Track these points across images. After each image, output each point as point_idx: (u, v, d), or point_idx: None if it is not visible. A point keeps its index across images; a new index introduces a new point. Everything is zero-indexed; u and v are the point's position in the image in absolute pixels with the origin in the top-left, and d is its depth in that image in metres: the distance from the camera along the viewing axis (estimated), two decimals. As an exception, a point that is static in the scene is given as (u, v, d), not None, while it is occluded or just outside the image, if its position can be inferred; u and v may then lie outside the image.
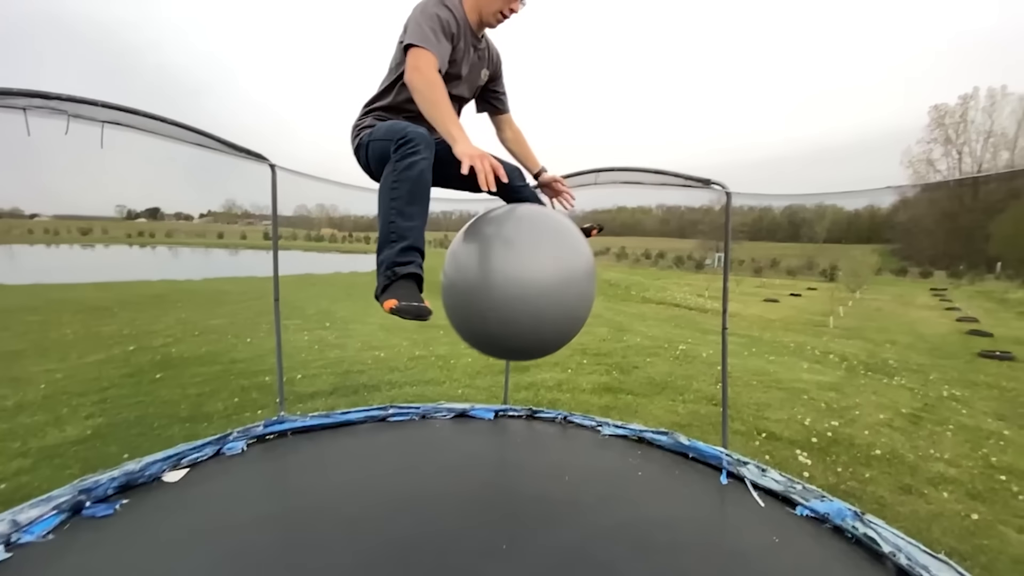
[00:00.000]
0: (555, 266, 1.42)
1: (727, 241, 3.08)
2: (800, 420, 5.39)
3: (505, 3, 1.41)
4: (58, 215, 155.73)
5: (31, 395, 5.50)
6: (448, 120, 1.22)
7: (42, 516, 2.12)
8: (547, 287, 1.38)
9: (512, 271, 1.38)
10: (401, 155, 1.28)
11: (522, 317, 1.39)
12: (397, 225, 1.28)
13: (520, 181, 1.80)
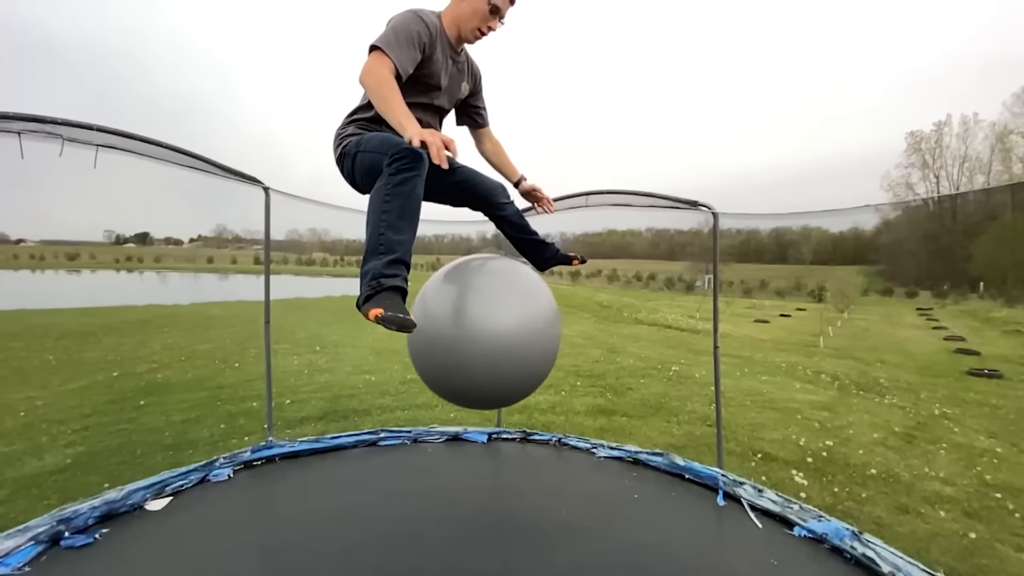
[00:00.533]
0: (517, 323, 1.45)
1: (715, 260, 3.13)
2: (795, 440, 5.37)
3: (483, 21, 1.45)
4: (45, 240, 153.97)
5: (9, 423, 5.33)
6: (399, 112, 1.23)
7: (18, 547, 2.03)
8: (508, 344, 1.43)
9: (474, 326, 1.41)
10: (395, 169, 1.28)
11: (481, 370, 1.43)
12: (386, 238, 1.28)
13: (504, 198, 1.82)
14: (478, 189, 1.73)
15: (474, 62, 1.78)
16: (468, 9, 1.45)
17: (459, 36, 1.52)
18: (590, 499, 2.88)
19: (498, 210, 1.76)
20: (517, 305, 1.50)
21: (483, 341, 1.39)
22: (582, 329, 16.19)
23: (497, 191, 1.76)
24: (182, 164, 2.64)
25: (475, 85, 1.80)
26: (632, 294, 43.18)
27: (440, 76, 1.56)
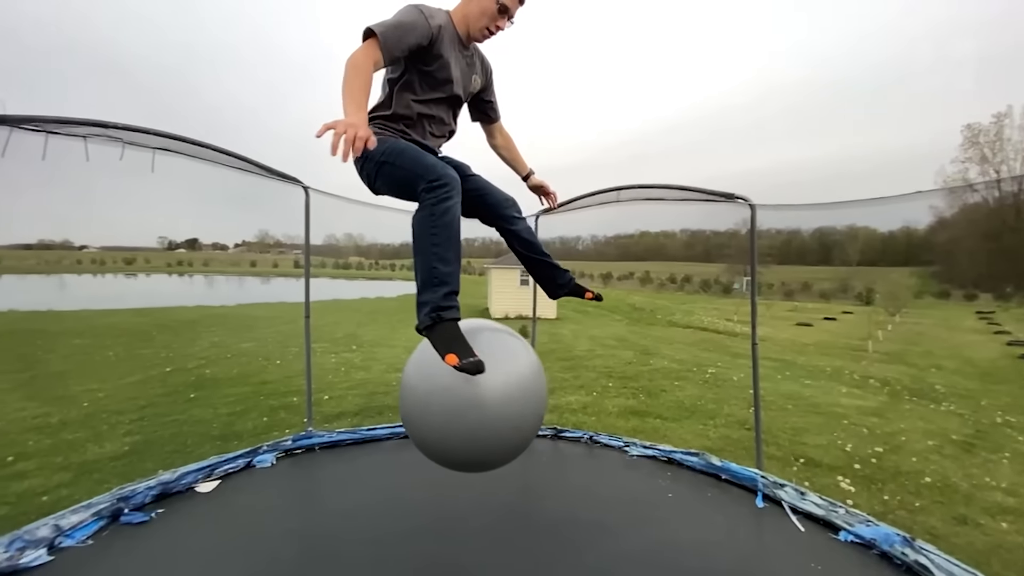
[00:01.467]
0: (497, 397, 1.46)
1: (753, 254, 3.04)
2: (840, 446, 5.12)
3: (491, 21, 1.47)
4: (105, 246, 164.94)
5: (73, 413, 5.74)
6: (350, 101, 1.22)
7: (82, 522, 2.19)
8: (485, 416, 1.45)
9: (453, 398, 1.44)
10: (436, 199, 1.35)
11: (459, 442, 1.48)
12: (439, 271, 1.36)
13: (516, 212, 1.80)
14: (488, 199, 1.73)
15: (485, 57, 1.79)
16: (477, 8, 1.46)
17: (468, 34, 1.53)
18: (622, 498, 2.83)
19: (508, 223, 1.74)
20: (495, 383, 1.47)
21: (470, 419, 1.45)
22: (614, 331, 15.98)
23: (508, 204, 1.75)
24: (229, 165, 2.79)
25: (486, 80, 1.81)
26: (666, 296, 42.28)
27: (450, 70, 1.56)
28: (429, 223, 1.36)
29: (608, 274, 73.32)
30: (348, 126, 1.10)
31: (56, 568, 1.96)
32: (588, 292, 1.94)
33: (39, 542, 2.04)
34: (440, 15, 1.48)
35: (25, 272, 54.43)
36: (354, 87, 1.24)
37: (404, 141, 1.52)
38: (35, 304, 20.46)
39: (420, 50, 1.45)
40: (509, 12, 1.50)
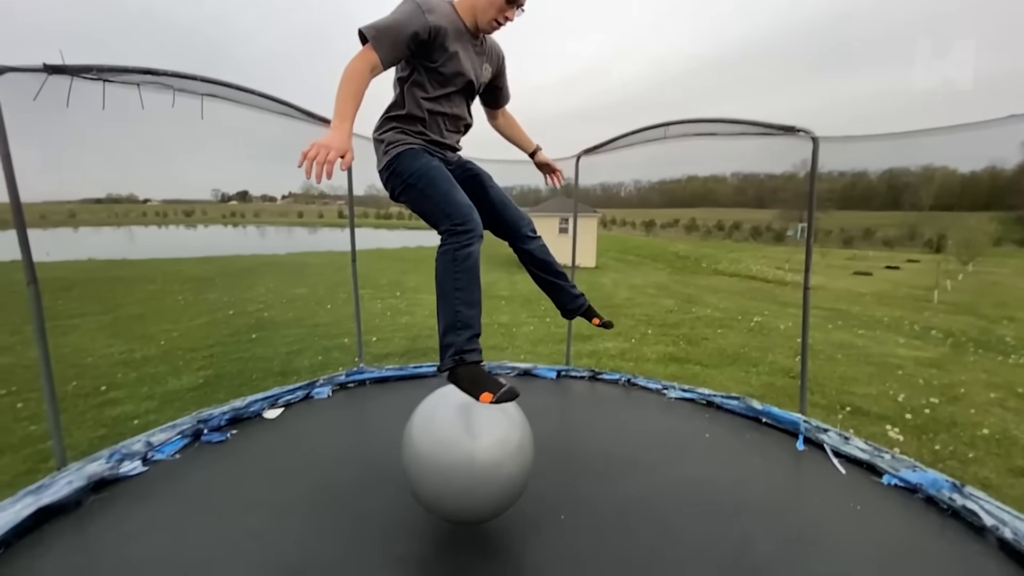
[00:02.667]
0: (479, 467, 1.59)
1: (812, 194, 2.84)
2: (892, 396, 4.95)
3: (499, 12, 1.40)
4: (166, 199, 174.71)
5: (153, 350, 6.36)
6: (336, 113, 1.22)
7: (169, 439, 2.49)
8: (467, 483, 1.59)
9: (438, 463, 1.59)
10: (459, 244, 1.39)
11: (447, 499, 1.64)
12: (463, 315, 1.41)
13: (530, 231, 1.77)
14: (506, 215, 1.70)
15: (496, 44, 1.69)
16: (484, 1, 1.39)
17: (476, 25, 1.45)
18: (659, 437, 2.89)
19: (522, 243, 1.71)
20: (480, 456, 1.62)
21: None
22: (656, 280, 15.68)
23: (523, 222, 1.72)
24: (271, 110, 2.83)
25: (498, 67, 1.73)
26: (712, 244, 40.64)
27: (459, 63, 1.50)
28: (452, 268, 1.40)
29: (651, 221, 70.90)
30: (320, 148, 1.10)
31: (150, 477, 2.26)
32: (596, 318, 1.94)
33: (135, 455, 2.34)
34: (442, 7, 1.41)
35: (98, 224, 58.80)
36: (343, 97, 1.23)
37: (432, 163, 1.49)
38: (110, 253, 22.26)
39: (422, 46, 1.39)
40: (518, 2, 1.43)
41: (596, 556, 1.85)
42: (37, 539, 1.84)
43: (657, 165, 70.27)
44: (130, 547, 1.82)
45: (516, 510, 2.05)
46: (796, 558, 1.85)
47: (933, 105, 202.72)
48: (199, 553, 1.79)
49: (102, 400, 4.64)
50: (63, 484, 2.04)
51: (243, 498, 2.12)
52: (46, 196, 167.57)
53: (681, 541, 1.94)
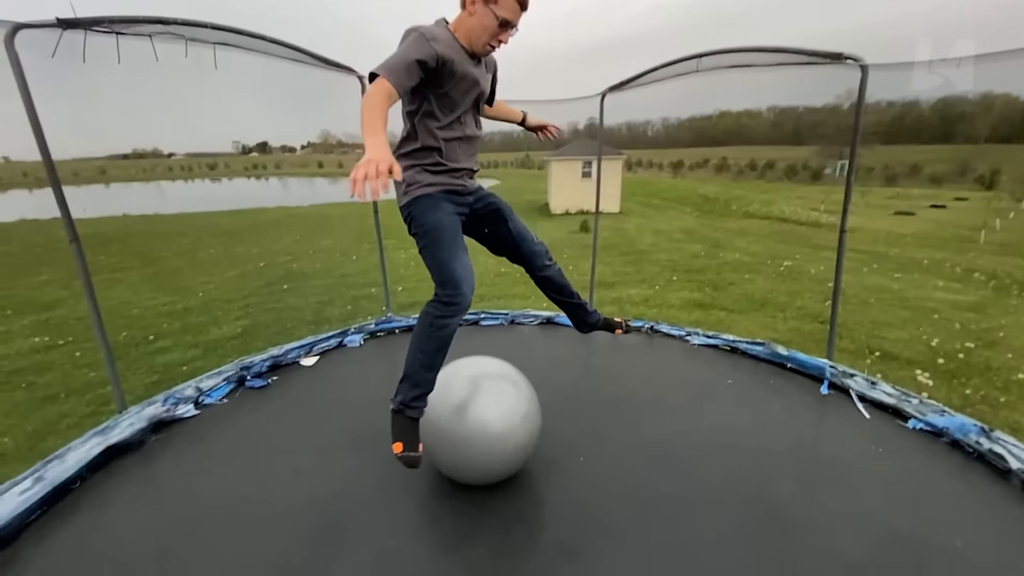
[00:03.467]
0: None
1: (857, 129, 2.65)
2: (925, 340, 4.84)
3: (492, 36, 1.39)
4: (190, 153, 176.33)
5: (193, 302, 6.67)
6: (368, 131, 1.21)
7: (216, 385, 2.66)
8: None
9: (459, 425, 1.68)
10: (442, 313, 1.47)
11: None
12: (420, 375, 1.53)
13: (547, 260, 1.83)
14: (524, 247, 1.75)
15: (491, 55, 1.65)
16: (477, 24, 1.38)
17: (471, 48, 1.45)
18: (681, 383, 2.93)
19: (539, 271, 1.78)
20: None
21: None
22: (682, 224, 15.26)
23: (540, 254, 1.77)
24: (284, 56, 2.76)
25: (493, 75, 1.74)
26: (744, 185, 38.89)
27: (467, 83, 1.50)
28: (427, 330, 1.50)
29: (679, 162, 67.89)
30: (367, 166, 1.08)
31: (202, 419, 2.45)
32: (618, 328, 2.04)
33: (187, 399, 2.52)
34: (443, 35, 1.41)
35: (128, 180, 60.12)
36: (369, 117, 1.22)
37: (443, 220, 1.52)
38: (143, 209, 22.90)
39: (431, 74, 1.38)
40: (511, 23, 1.40)
41: (614, 494, 1.95)
42: (108, 474, 2.05)
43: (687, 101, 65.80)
44: (190, 481, 2.01)
45: (538, 452, 2.15)
46: (813, 497, 1.90)
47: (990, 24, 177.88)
48: (251, 487, 1.96)
49: (151, 349, 4.96)
50: (126, 425, 2.23)
51: (287, 438, 2.29)
52: (76, 153, 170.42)
53: (699, 481, 2.01)
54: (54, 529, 1.74)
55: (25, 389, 4.15)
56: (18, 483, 1.85)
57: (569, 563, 1.59)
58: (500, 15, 1.35)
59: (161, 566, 1.58)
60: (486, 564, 1.59)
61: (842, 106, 49.27)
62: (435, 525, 1.76)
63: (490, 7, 1.35)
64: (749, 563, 1.60)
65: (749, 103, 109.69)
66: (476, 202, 1.67)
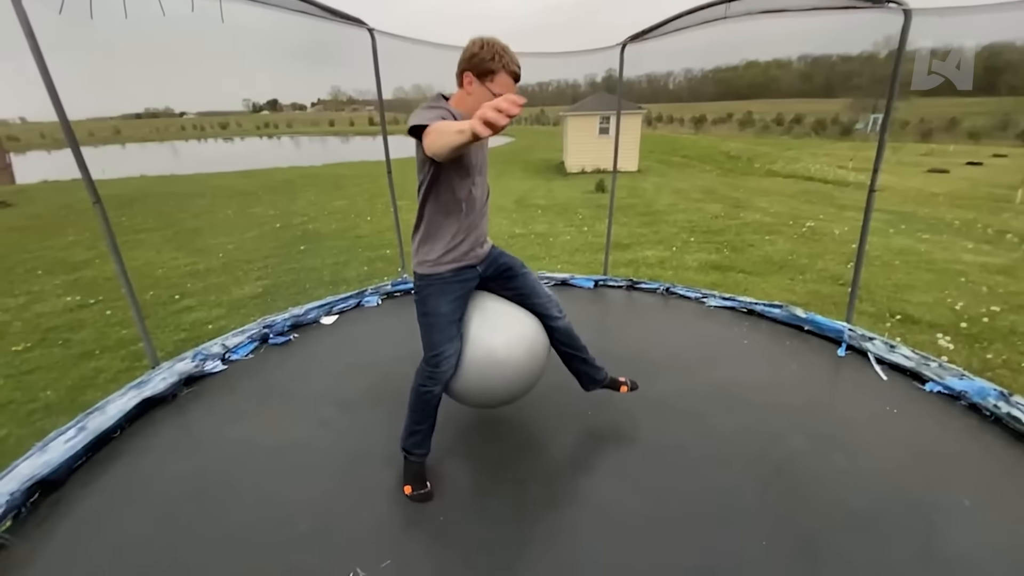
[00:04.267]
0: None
1: (895, 78, 2.49)
2: (949, 304, 4.73)
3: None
4: (201, 112, 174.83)
5: (214, 262, 6.81)
6: (456, 134, 1.17)
7: (240, 343, 2.76)
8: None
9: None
10: (422, 382, 1.65)
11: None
12: (412, 430, 1.72)
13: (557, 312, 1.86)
14: (534, 300, 1.79)
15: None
16: (475, 103, 1.43)
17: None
18: (696, 343, 2.94)
19: (550, 321, 1.82)
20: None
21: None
22: (702, 183, 14.83)
23: (551, 306, 1.82)
24: (290, 8, 2.67)
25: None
26: (768, 142, 37.30)
27: (475, 148, 1.56)
28: (413, 396, 1.70)
29: (701, 117, 65.11)
30: (482, 114, 1.03)
31: (230, 374, 2.55)
32: (623, 386, 2.03)
33: (215, 356, 2.63)
34: (448, 109, 1.47)
35: (142, 140, 60.17)
36: (447, 136, 1.21)
37: (440, 309, 1.63)
38: (159, 169, 23.01)
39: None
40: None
41: (619, 445, 2.01)
42: (145, 424, 2.17)
43: (712, 51, 61.86)
44: (222, 430, 2.13)
45: (548, 406, 2.21)
46: (822, 454, 1.93)
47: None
48: (281, 437, 2.07)
49: (177, 308, 5.12)
50: (159, 380, 2.35)
51: (311, 393, 2.39)
52: (91, 113, 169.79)
53: (708, 435, 2.06)
54: (98, 475, 1.87)
55: (62, 346, 4.35)
56: (63, 432, 1.98)
57: (583, 510, 1.66)
58: (496, 92, 1.41)
59: (201, 507, 1.70)
60: (506, 516, 1.67)
61: (879, 54, 46.09)
62: (455, 480, 1.85)
63: (487, 86, 1.42)
64: (755, 512, 1.65)
65: (779, 51, 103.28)
66: (486, 269, 1.74)
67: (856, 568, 1.45)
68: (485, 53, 1.42)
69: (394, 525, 1.63)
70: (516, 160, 22.27)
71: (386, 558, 1.48)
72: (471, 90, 1.45)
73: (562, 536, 1.57)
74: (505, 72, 1.44)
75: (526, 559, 1.50)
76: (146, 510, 1.70)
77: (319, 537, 1.57)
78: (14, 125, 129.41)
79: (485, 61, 1.42)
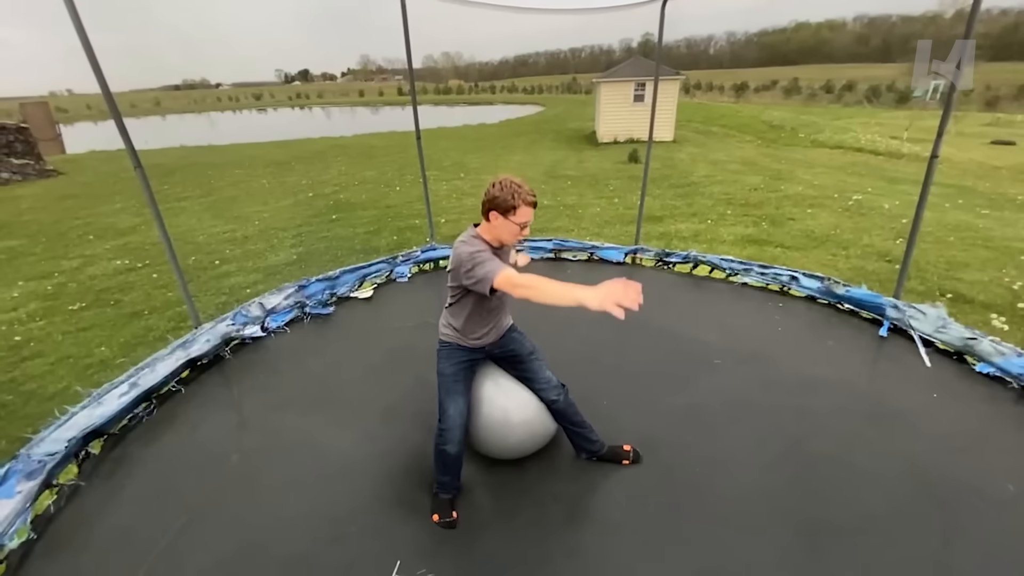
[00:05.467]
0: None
1: (969, 34, 2.27)
2: (1007, 283, 4.44)
3: (514, 236, 1.72)
4: (236, 83, 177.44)
5: (250, 229, 7.01)
6: (566, 295, 1.40)
7: (278, 306, 2.86)
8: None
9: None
10: (438, 439, 1.82)
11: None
12: (439, 474, 1.85)
13: (556, 395, 1.96)
14: (534, 384, 1.95)
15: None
16: (504, 230, 1.69)
17: (498, 243, 1.78)
18: (727, 317, 2.86)
19: (549, 404, 1.96)
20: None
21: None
22: (741, 154, 14.18)
23: (549, 391, 1.95)
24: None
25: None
26: (815, 111, 35.16)
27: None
28: (435, 450, 1.85)
29: (743, 84, 61.65)
30: (604, 300, 1.28)
31: (271, 343, 2.66)
32: (625, 459, 2.01)
33: (254, 319, 2.73)
34: (481, 244, 1.70)
35: (181, 111, 61.72)
36: (552, 292, 1.43)
37: (448, 371, 1.86)
38: (197, 140, 23.62)
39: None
40: (528, 223, 1.73)
41: (640, 415, 2.00)
42: (191, 383, 2.30)
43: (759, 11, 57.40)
44: (263, 394, 2.23)
45: (586, 377, 2.21)
46: (852, 433, 1.88)
47: None
48: (330, 395, 2.15)
49: (217, 273, 5.33)
50: (203, 340, 2.46)
51: (350, 371, 2.47)
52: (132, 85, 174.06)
53: (733, 409, 2.03)
54: (149, 428, 2.00)
55: (114, 306, 4.62)
56: (116, 386, 2.11)
57: (604, 477, 1.68)
58: (518, 222, 1.67)
59: (245, 459, 1.80)
60: (530, 535, 1.70)
61: (944, 14, 42.25)
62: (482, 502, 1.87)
63: (510, 219, 1.66)
64: (782, 483, 1.63)
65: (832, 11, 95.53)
66: (493, 349, 1.94)
67: (897, 551, 1.42)
68: (504, 194, 1.65)
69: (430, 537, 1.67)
70: (546, 130, 21.79)
71: (421, 567, 1.52)
72: (497, 224, 1.69)
73: (582, 551, 1.57)
74: (524, 204, 1.67)
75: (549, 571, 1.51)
76: (195, 462, 1.81)
77: (360, 539, 1.62)
78: (62, 97, 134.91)
79: (506, 200, 1.65)
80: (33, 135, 13.34)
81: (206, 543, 1.52)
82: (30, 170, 12.55)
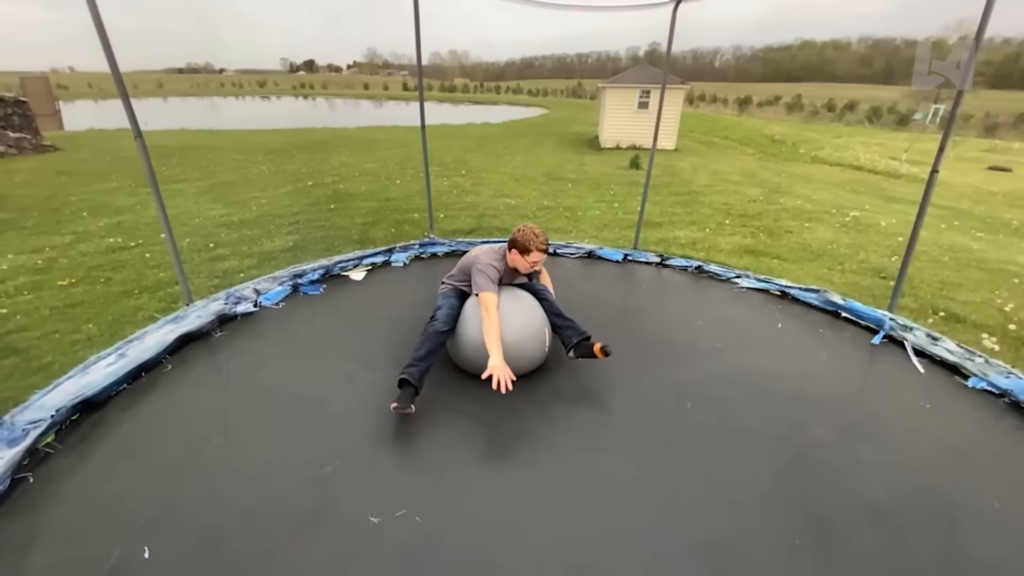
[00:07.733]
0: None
1: (972, 57, 2.29)
2: (999, 305, 4.47)
3: (525, 270, 2.27)
4: (240, 69, 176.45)
5: (247, 215, 6.95)
6: (489, 342, 1.99)
7: (271, 289, 2.83)
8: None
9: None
10: (429, 323, 2.16)
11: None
12: (412, 358, 2.03)
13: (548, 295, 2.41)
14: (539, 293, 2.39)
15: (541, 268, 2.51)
16: (519, 263, 2.24)
17: (515, 269, 2.30)
18: (725, 325, 2.86)
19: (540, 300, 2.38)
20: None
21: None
22: (742, 166, 14.26)
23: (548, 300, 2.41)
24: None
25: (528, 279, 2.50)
26: (816, 128, 35.41)
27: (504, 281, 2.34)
28: (423, 331, 2.14)
29: (746, 98, 62.11)
30: (496, 373, 1.88)
31: (262, 317, 2.63)
32: (597, 346, 2.23)
33: (247, 299, 2.70)
34: (501, 265, 2.24)
35: (183, 95, 61.31)
36: (495, 338, 1.99)
37: (447, 289, 2.35)
38: (198, 123, 23.47)
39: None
40: (539, 260, 2.24)
41: (640, 426, 1.99)
42: (180, 358, 2.26)
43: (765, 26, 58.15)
44: (252, 373, 2.20)
45: (570, 383, 2.20)
46: (845, 445, 1.87)
47: None
48: (308, 385, 2.12)
49: (211, 256, 5.27)
50: (194, 316, 2.43)
51: (338, 345, 2.44)
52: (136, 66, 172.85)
53: (730, 419, 2.01)
54: (136, 400, 1.97)
55: (104, 284, 4.55)
56: (103, 357, 2.08)
57: (593, 483, 1.67)
58: (531, 260, 2.20)
59: (229, 437, 1.78)
60: (520, 480, 1.69)
61: (948, 39, 42.59)
62: (473, 443, 1.87)
63: (525, 257, 2.20)
64: (771, 496, 1.62)
65: (838, 31, 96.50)
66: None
67: (869, 562, 1.42)
68: (524, 239, 2.18)
69: (409, 477, 1.66)
70: (549, 132, 21.81)
71: (401, 508, 1.52)
72: (515, 257, 2.23)
73: (572, 504, 1.58)
74: (536, 250, 2.17)
75: (537, 515, 1.51)
76: (178, 438, 1.78)
77: (340, 481, 1.62)
78: (63, 74, 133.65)
79: (524, 244, 2.18)
80: (32, 109, 13.15)
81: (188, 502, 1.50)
82: (26, 144, 12.38)
